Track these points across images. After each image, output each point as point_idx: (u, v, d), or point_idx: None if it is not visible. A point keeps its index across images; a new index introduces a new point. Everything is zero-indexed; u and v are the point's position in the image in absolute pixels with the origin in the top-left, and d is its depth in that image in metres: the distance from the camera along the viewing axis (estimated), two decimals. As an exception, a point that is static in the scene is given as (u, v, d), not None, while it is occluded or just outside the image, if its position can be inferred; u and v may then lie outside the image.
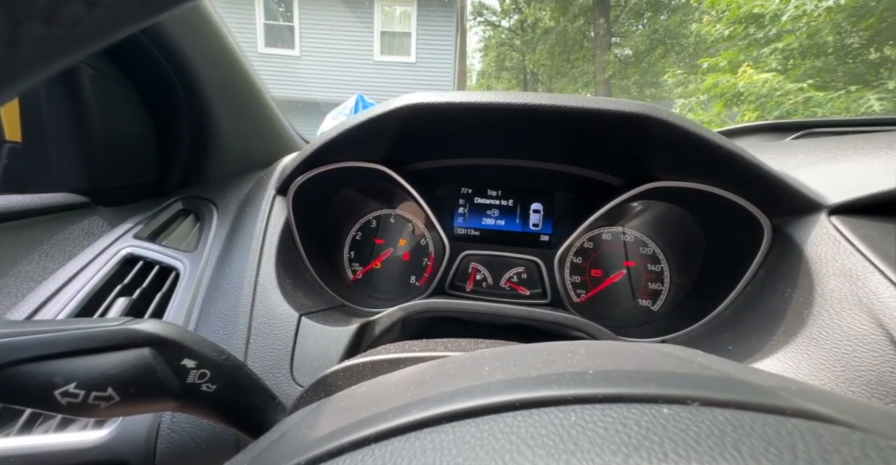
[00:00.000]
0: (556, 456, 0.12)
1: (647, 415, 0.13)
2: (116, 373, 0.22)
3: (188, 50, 0.58)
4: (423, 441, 0.13)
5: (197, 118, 0.64)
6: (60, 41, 0.12)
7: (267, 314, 0.45)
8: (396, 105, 0.46)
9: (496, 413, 0.14)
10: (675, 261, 0.61)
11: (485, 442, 0.13)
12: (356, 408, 0.18)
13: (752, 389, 0.15)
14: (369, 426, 0.15)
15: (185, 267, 0.51)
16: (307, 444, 0.16)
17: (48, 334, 0.21)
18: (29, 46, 0.11)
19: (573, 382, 0.15)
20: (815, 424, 0.13)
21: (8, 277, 0.43)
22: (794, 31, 4.34)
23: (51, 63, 0.12)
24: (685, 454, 0.11)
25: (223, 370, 0.26)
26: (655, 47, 11.23)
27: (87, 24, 0.12)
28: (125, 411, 0.22)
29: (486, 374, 0.18)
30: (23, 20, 0.11)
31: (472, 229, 0.67)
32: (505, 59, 16.38)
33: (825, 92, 3.85)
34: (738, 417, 0.13)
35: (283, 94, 7.47)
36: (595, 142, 0.53)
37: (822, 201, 0.42)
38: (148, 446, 0.36)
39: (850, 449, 0.11)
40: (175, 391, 0.23)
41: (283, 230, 0.53)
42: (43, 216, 0.51)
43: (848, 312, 0.35)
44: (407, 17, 8.54)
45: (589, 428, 0.13)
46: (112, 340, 0.22)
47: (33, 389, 0.20)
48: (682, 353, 0.21)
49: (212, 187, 0.65)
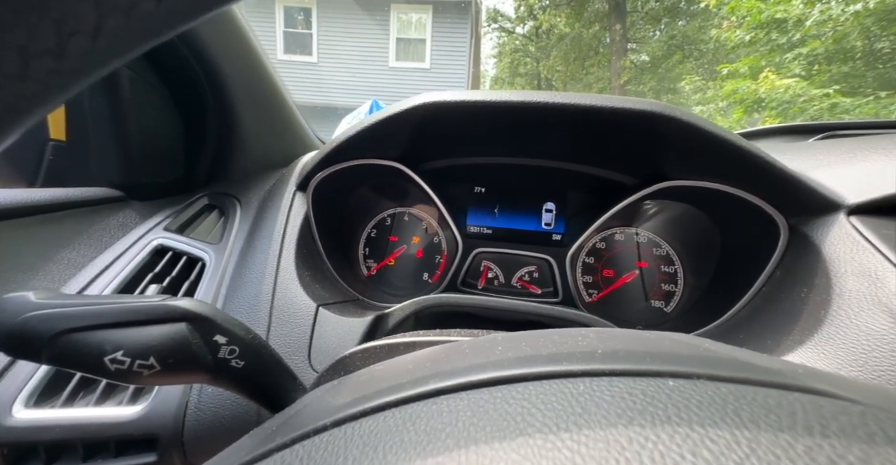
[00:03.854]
0: (565, 418, 0.12)
1: (652, 386, 0.14)
2: (158, 344, 0.24)
3: (217, 54, 0.61)
4: (439, 406, 0.14)
5: (223, 119, 0.67)
6: (104, 51, 0.13)
7: (287, 304, 0.46)
8: (413, 104, 0.48)
9: (509, 384, 0.15)
10: (690, 262, 0.61)
11: (498, 406, 0.13)
12: (376, 381, 0.19)
13: (758, 368, 0.16)
14: (389, 394, 0.16)
15: (210, 258, 0.54)
16: (331, 409, 0.17)
17: (99, 306, 0.23)
18: (76, 57, 0.13)
19: (583, 359, 0.16)
20: (817, 397, 0.13)
21: (52, 262, 0.47)
22: (819, 36, 4.22)
23: (95, 70, 0.14)
24: (687, 417, 0.12)
25: (251, 348, 0.27)
26: (673, 53, 11.07)
27: (158, 16, 0.13)
28: (164, 380, 0.24)
29: (498, 352, 0.19)
30: (106, 14, 0.12)
31: (484, 228, 0.68)
32: (519, 65, 16.39)
33: (853, 98, 3.72)
34: (741, 389, 0.13)
35: (301, 99, 7.62)
36: (608, 141, 0.54)
37: (840, 201, 0.42)
38: (177, 422, 0.38)
39: (848, 418, 0.12)
40: (208, 365, 0.25)
41: (302, 225, 0.55)
42: (82, 208, 0.55)
43: (867, 311, 0.35)
44: (422, 24, 8.67)
45: (596, 396, 0.13)
46: (154, 314, 0.24)
47: (86, 355, 0.22)
48: (690, 339, 0.21)
49: (235, 184, 0.68)
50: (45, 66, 0.12)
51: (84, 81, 0.14)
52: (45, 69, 0.12)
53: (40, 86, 0.13)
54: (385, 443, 0.13)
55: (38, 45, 0.12)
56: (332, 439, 0.14)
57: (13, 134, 0.14)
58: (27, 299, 0.22)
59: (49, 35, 0.12)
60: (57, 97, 0.14)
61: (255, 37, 0.69)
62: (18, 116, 0.13)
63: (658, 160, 0.54)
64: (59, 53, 0.12)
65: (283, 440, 0.15)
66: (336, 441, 0.14)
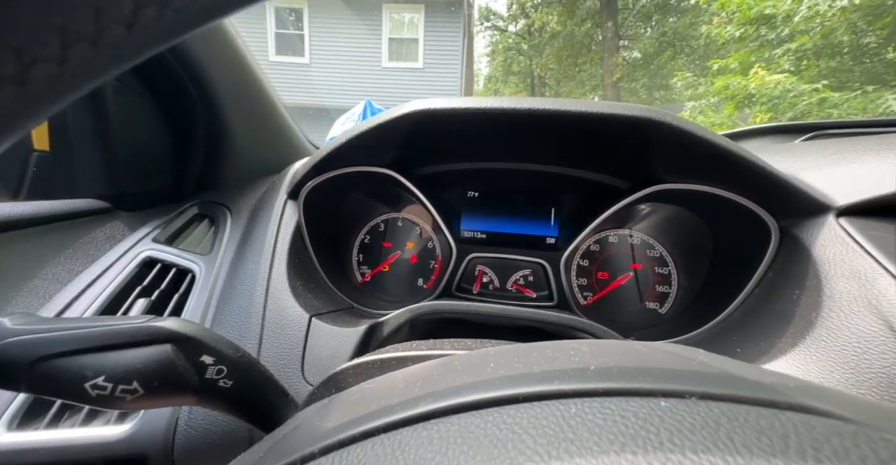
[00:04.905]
0: (556, 444, 0.12)
1: (644, 407, 0.14)
2: (141, 367, 0.23)
3: (204, 60, 0.60)
4: (429, 431, 0.14)
5: (212, 126, 0.66)
6: (103, 60, 0.13)
7: (279, 315, 0.46)
8: (404, 111, 0.48)
9: (500, 406, 0.15)
10: (683, 263, 0.61)
11: (488, 431, 0.13)
12: (366, 402, 0.19)
13: (750, 384, 0.16)
14: (379, 417, 0.15)
15: (200, 269, 0.53)
16: (320, 435, 0.16)
17: (79, 331, 0.23)
18: (75, 65, 0.12)
19: (574, 377, 0.16)
20: (809, 417, 0.13)
21: (36, 278, 0.46)
22: (807, 32, 4.27)
23: (93, 79, 0.14)
24: (679, 442, 0.12)
25: (239, 367, 0.27)
26: (664, 50, 11.15)
27: (128, 42, 0.13)
28: (149, 404, 0.24)
29: (490, 370, 0.18)
30: (71, 43, 0.12)
31: (478, 232, 0.68)
32: (512, 64, 16.42)
33: (841, 93, 3.77)
34: (734, 409, 0.13)
35: (294, 100, 7.61)
36: (600, 146, 0.54)
37: (830, 203, 0.42)
38: (166, 441, 0.37)
39: (840, 440, 0.11)
40: (194, 386, 0.25)
41: (294, 234, 0.55)
42: (67, 221, 0.54)
43: (857, 313, 0.35)
44: (414, 23, 8.65)
45: (588, 419, 0.13)
46: (137, 336, 0.24)
47: (66, 381, 0.22)
48: (683, 352, 0.21)
49: (225, 193, 0.67)
50: (46, 71, 0.12)
51: (82, 89, 0.14)
52: (45, 75, 0.12)
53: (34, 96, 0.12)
54: None
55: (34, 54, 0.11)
56: None
57: None
58: (2, 326, 0.22)
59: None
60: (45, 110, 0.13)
61: (243, 41, 0.68)
62: None
63: (650, 164, 0.54)
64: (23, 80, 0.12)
65: None
66: None
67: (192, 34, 0.15)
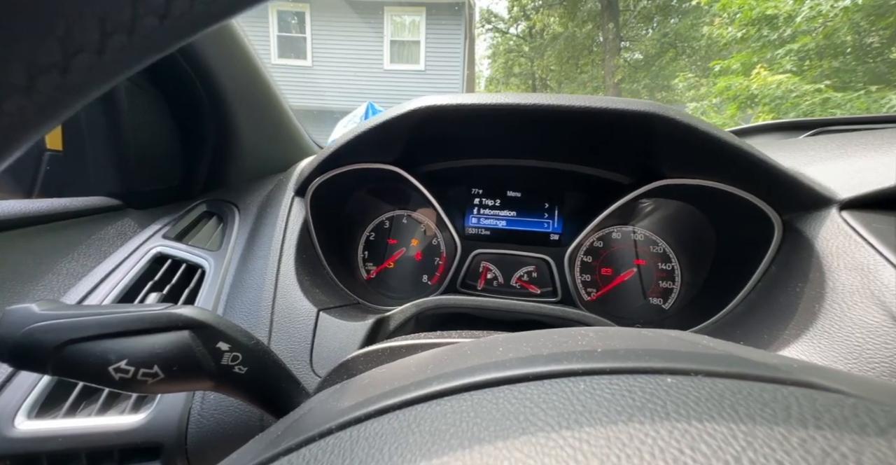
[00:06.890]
0: (566, 416, 0.13)
1: (651, 383, 0.14)
2: (161, 352, 0.24)
3: (213, 62, 0.61)
4: (443, 407, 0.15)
5: (220, 126, 0.67)
6: (135, 51, 0.14)
7: (287, 309, 0.47)
8: (409, 108, 0.48)
9: (511, 384, 0.15)
10: (686, 258, 0.61)
11: (500, 406, 0.14)
12: (379, 384, 0.19)
13: (754, 364, 0.16)
14: (393, 396, 0.16)
15: (210, 265, 0.54)
16: (335, 413, 0.17)
17: (102, 316, 0.23)
18: (113, 54, 0.13)
19: (583, 358, 0.16)
20: (811, 391, 0.13)
21: (51, 273, 0.47)
22: (809, 32, 4.26)
23: (124, 70, 0.14)
24: (685, 412, 0.12)
25: (253, 354, 0.27)
26: (666, 51, 11.14)
27: (159, 33, 0.14)
28: (168, 388, 0.24)
29: (500, 353, 0.19)
30: (110, 32, 0.13)
31: (482, 229, 0.69)
32: (513, 66, 16.45)
33: (844, 93, 3.76)
34: (738, 384, 0.14)
35: (297, 103, 7.60)
36: (604, 141, 0.54)
37: (832, 196, 0.42)
38: (180, 430, 0.38)
39: (840, 410, 0.12)
40: (211, 372, 0.25)
41: (301, 230, 0.56)
42: (80, 218, 0.55)
43: (860, 305, 0.35)
44: (416, 26, 8.69)
45: (597, 394, 0.14)
46: (157, 322, 0.24)
47: (91, 364, 0.22)
48: (688, 337, 0.22)
49: (233, 190, 0.68)
50: (53, 80, 0.13)
51: (92, 92, 0.14)
52: (53, 84, 0.13)
53: (46, 100, 0.13)
54: (390, 445, 0.13)
55: (44, 60, 0.12)
56: (337, 442, 0.14)
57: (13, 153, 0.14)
58: (31, 311, 0.23)
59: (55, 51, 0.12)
60: (60, 114, 0.14)
61: (250, 43, 0.70)
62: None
63: (653, 159, 0.55)
64: (65, 68, 0.13)
65: (288, 444, 0.16)
66: (342, 444, 0.14)
67: (217, 26, 0.16)
